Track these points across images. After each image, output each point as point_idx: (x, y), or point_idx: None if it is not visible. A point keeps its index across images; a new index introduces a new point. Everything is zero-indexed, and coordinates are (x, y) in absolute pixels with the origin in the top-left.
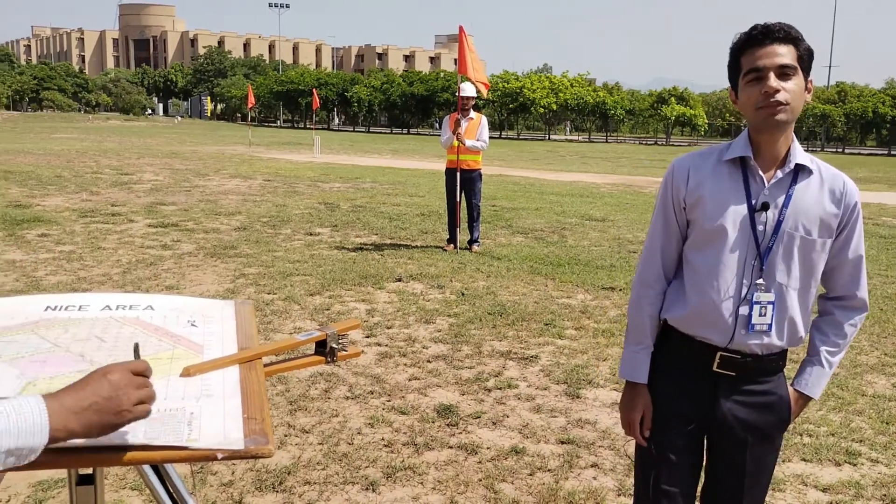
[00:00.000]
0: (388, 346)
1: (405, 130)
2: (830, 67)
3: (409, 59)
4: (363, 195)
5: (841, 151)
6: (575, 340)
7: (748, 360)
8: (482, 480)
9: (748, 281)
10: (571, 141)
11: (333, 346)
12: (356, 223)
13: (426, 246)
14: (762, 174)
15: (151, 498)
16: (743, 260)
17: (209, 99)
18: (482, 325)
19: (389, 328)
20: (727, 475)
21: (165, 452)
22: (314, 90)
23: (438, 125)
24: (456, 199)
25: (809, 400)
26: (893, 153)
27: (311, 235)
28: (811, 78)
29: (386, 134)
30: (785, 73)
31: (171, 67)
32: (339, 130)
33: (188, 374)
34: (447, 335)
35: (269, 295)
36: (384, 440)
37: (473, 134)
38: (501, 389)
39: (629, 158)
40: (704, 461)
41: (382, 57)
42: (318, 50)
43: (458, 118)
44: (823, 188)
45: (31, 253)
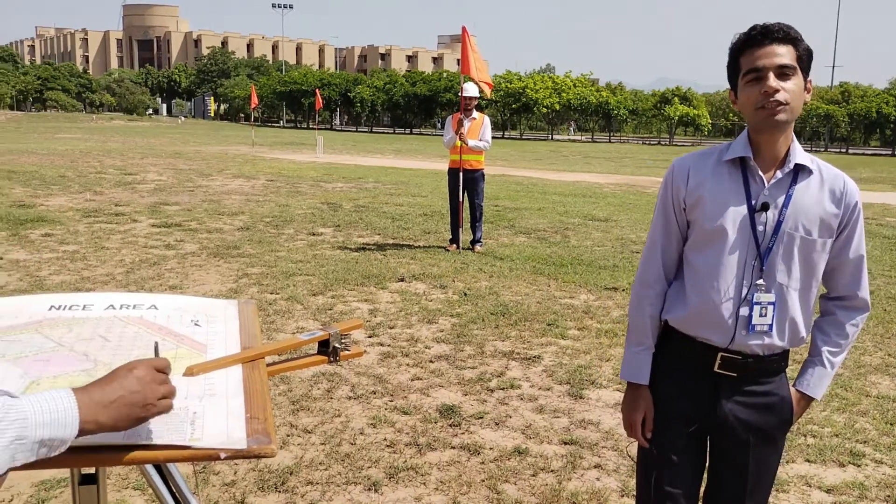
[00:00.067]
0: (390, 346)
1: (408, 130)
2: (834, 67)
3: (411, 59)
4: (366, 195)
5: (844, 152)
6: (578, 341)
7: (749, 360)
8: (485, 481)
9: (748, 281)
10: (574, 141)
11: (336, 345)
12: (359, 223)
13: (429, 246)
14: (762, 174)
15: (154, 497)
16: (743, 260)
17: (212, 99)
18: (485, 325)
19: (392, 328)
20: (729, 476)
21: (168, 452)
22: (317, 90)
23: (441, 125)
24: (458, 199)
25: (812, 400)
26: None
27: (313, 235)
28: (810, 78)
29: (389, 134)
30: (784, 73)
31: (174, 68)
32: (341, 130)
33: (191, 373)
34: (450, 335)
35: (271, 295)
36: (386, 440)
37: (476, 134)
38: (504, 390)
39: (632, 158)
40: (707, 462)
41: (385, 57)
42: (321, 50)
43: (460, 118)
44: (824, 188)
45: (34, 253)
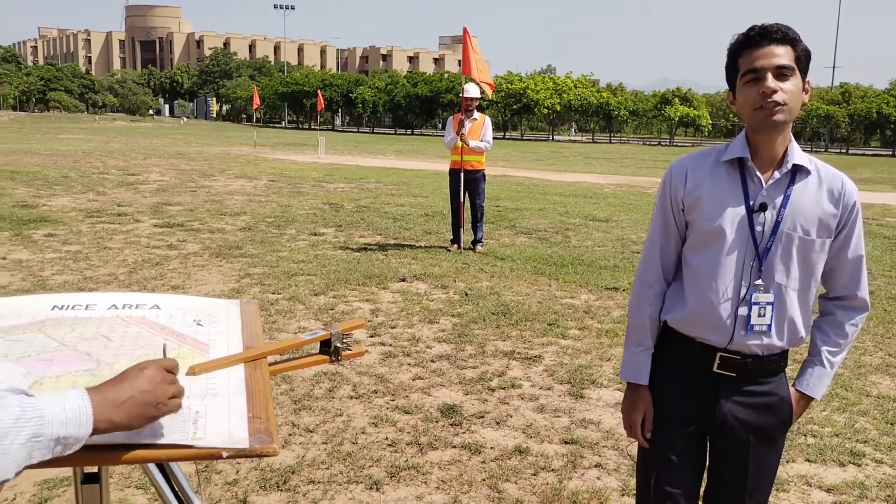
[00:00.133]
0: (391, 345)
1: (409, 131)
2: (834, 68)
3: (413, 60)
4: (367, 196)
5: (845, 152)
6: (578, 340)
7: (748, 360)
8: (486, 480)
9: (747, 282)
10: (575, 141)
11: (338, 345)
12: (360, 223)
13: (430, 246)
14: (760, 175)
15: (157, 496)
16: (741, 261)
17: (215, 100)
18: (486, 325)
19: (393, 328)
20: (729, 476)
21: (171, 451)
22: (319, 91)
23: (442, 126)
24: (460, 199)
25: (811, 400)
26: None
27: (315, 236)
28: (808, 79)
29: (390, 135)
30: (782, 73)
31: (176, 69)
32: (343, 131)
33: (193, 372)
34: (451, 335)
35: (273, 295)
36: (388, 440)
37: (477, 135)
38: (505, 389)
39: (633, 159)
40: (707, 462)
41: (387, 58)
42: (322, 51)
43: (461, 119)
44: (822, 188)
45: (37, 253)
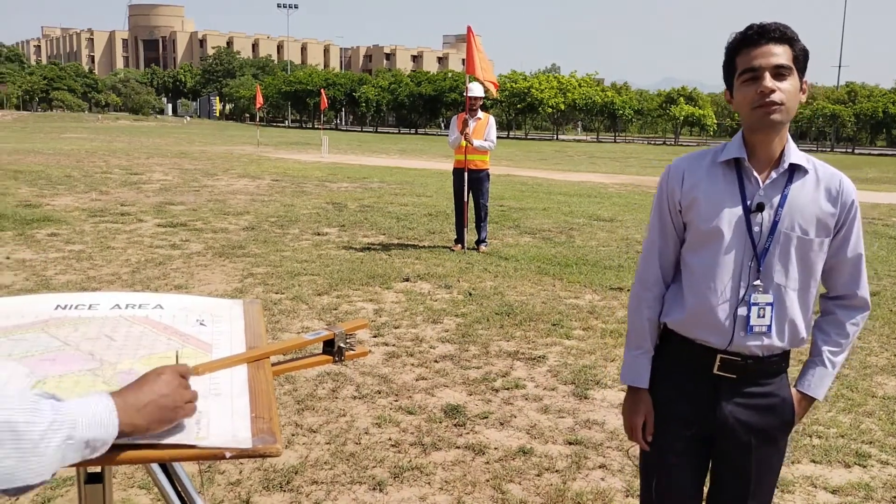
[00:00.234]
0: (395, 345)
1: (413, 130)
2: (840, 67)
3: (416, 59)
4: (371, 195)
5: (851, 152)
6: (583, 341)
7: (749, 362)
8: (489, 481)
9: (745, 282)
10: (580, 141)
11: (341, 345)
12: (364, 223)
13: (434, 246)
14: (757, 175)
15: (160, 496)
16: (740, 261)
17: (218, 99)
18: (490, 325)
19: (397, 328)
20: (731, 478)
21: (174, 451)
22: (322, 90)
23: (446, 125)
24: (464, 199)
25: (813, 401)
26: None
27: (318, 235)
28: (806, 78)
29: (394, 134)
30: (780, 73)
31: (180, 68)
32: (346, 130)
33: (197, 372)
34: (454, 335)
35: (277, 294)
36: (391, 440)
37: (481, 134)
38: (509, 390)
39: (638, 158)
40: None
41: (390, 57)
42: (326, 50)
43: (465, 118)
44: (819, 187)
45: (40, 252)
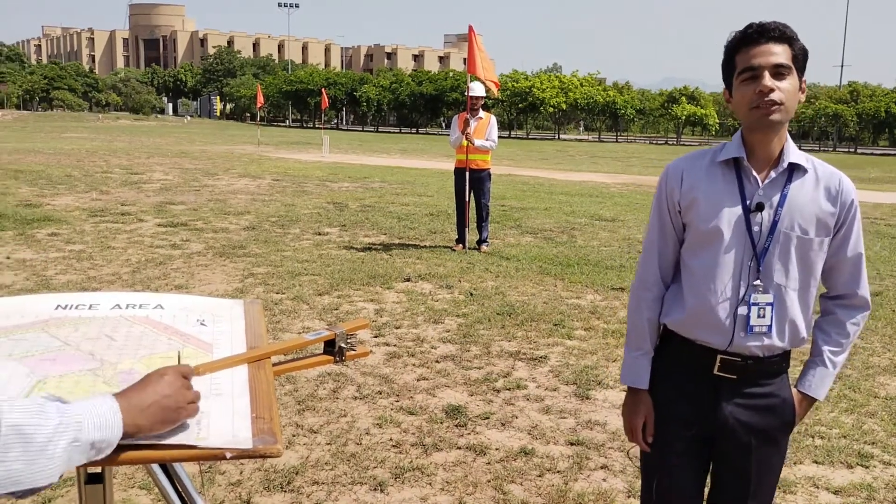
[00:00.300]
0: (396, 346)
1: (414, 130)
2: (843, 67)
3: (418, 58)
4: (372, 195)
5: (853, 151)
6: (584, 341)
7: (749, 362)
8: (491, 481)
9: (745, 282)
10: (581, 140)
11: (342, 345)
12: (365, 223)
13: (435, 246)
14: (756, 174)
15: (160, 497)
16: (739, 261)
17: (218, 98)
18: (491, 325)
19: (398, 328)
20: (732, 479)
21: (174, 451)
22: (323, 90)
23: (447, 125)
24: (465, 198)
25: (814, 401)
26: None
27: (319, 235)
28: (805, 78)
29: (395, 133)
30: (780, 72)
31: (180, 67)
32: (347, 130)
33: (197, 372)
34: (456, 335)
35: (277, 294)
36: (392, 440)
37: (482, 133)
38: (510, 390)
39: (639, 158)
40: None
41: (391, 56)
42: (327, 49)
43: (467, 118)
44: (819, 186)
45: (41, 252)
